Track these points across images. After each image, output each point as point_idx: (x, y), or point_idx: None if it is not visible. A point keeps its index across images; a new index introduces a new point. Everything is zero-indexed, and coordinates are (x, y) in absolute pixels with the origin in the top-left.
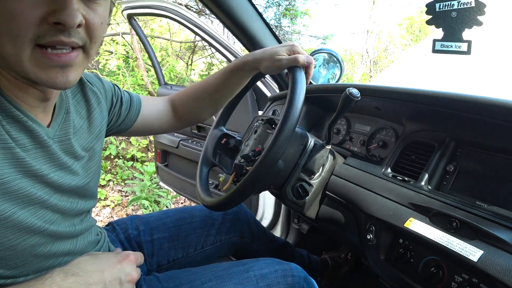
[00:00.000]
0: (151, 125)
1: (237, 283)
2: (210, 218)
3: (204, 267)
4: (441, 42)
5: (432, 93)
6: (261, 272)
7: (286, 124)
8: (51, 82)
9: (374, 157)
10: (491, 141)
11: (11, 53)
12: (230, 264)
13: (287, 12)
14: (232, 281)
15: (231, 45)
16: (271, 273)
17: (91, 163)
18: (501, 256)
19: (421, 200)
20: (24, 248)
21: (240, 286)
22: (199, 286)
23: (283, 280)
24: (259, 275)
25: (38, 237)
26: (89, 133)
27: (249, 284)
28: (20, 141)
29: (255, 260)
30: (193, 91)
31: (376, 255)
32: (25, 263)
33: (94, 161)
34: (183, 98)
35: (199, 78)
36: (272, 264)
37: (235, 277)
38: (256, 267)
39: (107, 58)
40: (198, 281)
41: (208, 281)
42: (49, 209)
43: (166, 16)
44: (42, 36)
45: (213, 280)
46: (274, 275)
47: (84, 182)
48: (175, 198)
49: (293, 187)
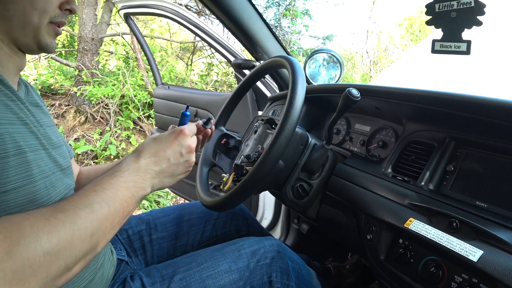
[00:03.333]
0: None
1: (231, 261)
2: (207, 214)
3: (199, 251)
4: (440, 42)
5: (432, 93)
6: (251, 249)
7: (286, 124)
8: (51, 45)
9: (374, 157)
10: (491, 141)
11: (35, 23)
12: (222, 245)
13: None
14: (226, 260)
15: (231, 45)
16: (260, 248)
17: (58, 133)
18: (501, 256)
19: (421, 200)
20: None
21: (233, 264)
22: (196, 268)
23: (270, 254)
24: (249, 252)
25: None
26: (45, 115)
27: (241, 261)
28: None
29: (245, 239)
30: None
31: (376, 255)
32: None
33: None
34: (92, 177)
35: (199, 78)
36: (260, 240)
37: (228, 256)
38: (246, 245)
39: (107, 59)
40: (195, 263)
41: (204, 262)
42: (51, 160)
43: (164, 16)
44: (56, 16)
45: (208, 261)
46: (263, 250)
47: (60, 147)
48: (175, 198)
49: (293, 187)
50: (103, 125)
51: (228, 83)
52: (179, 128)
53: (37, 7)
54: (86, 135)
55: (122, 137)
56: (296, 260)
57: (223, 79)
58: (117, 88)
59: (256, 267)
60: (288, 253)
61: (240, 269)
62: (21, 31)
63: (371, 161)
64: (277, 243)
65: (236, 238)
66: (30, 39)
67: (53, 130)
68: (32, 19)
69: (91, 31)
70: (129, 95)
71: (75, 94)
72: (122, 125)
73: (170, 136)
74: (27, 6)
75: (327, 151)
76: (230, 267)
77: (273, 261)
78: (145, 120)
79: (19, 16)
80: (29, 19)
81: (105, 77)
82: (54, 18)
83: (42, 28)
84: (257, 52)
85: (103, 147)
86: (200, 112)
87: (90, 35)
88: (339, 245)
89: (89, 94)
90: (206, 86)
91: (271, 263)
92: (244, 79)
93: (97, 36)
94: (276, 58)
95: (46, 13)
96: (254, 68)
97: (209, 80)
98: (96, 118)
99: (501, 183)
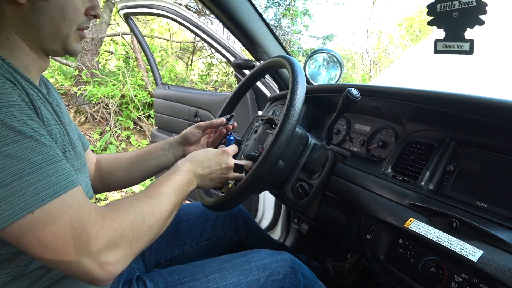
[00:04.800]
0: None
1: (240, 274)
2: (205, 214)
3: (207, 260)
4: (443, 43)
5: (432, 93)
6: (262, 262)
7: (286, 124)
8: (78, 50)
9: (374, 157)
10: (491, 141)
11: (64, 32)
12: (231, 256)
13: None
14: (235, 272)
15: (231, 45)
16: (272, 263)
17: (77, 133)
18: (501, 256)
19: (421, 200)
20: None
21: (243, 278)
22: (202, 279)
23: (283, 270)
24: (260, 266)
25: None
26: (65, 114)
27: (251, 275)
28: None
29: (257, 251)
30: (124, 164)
31: (376, 255)
32: None
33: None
34: (114, 165)
35: (199, 78)
36: (273, 254)
37: (238, 268)
38: (258, 258)
39: (107, 59)
40: (201, 273)
41: (211, 273)
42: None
43: (164, 16)
44: (83, 22)
45: (216, 273)
46: (275, 265)
47: (76, 147)
48: None
49: (293, 187)
50: (103, 125)
51: (228, 83)
52: (225, 148)
53: (66, 17)
54: (86, 135)
55: (122, 137)
56: (308, 276)
57: (223, 79)
58: (117, 88)
59: (267, 282)
60: (300, 269)
61: (249, 283)
62: (50, 39)
63: (371, 161)
64: (290, 258)
65: (235, 238)
66: (58, 46)
67: (72, 128)
68: (62, 29)
69: (91, 31)
70: (129, 95)
71: (75, 94)
72: (122, 125)
73: (217, 152)
74: (57, 17)
75: (327, 151)
76: (239, 281)
77: (285, 276)
78: (145, 120)
79: (49, 26)
80: (59, 29)
81: (105, 77)
82: (80, 25)
83: (71, 35)
84: (257, 52)
85: (103, 147)
86: (200, 112)
87: (90, 35)
88: (339, 245)
89: (89, 94)
90: (206, 86)
91: (284, 279)
92: (244, 79)
93: (97, 36)
94: (276, 58)
95: (75, 22)
96: (254, 68)
97: (209, 80)
98: (96, 118)
99: (501, 183)
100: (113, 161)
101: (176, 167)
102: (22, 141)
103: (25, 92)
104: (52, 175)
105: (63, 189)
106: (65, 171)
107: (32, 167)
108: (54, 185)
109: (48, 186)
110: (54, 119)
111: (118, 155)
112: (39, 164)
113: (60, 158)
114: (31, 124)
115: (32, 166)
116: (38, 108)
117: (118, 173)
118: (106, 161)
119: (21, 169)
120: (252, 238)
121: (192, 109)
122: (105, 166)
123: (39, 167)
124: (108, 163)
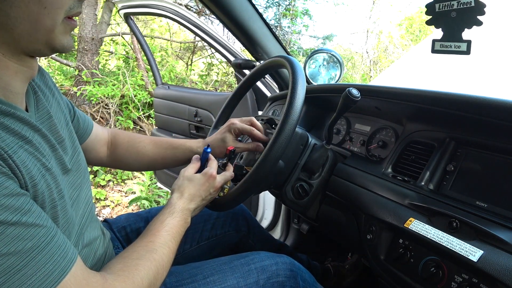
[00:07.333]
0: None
1: (239, 276)
2: (206, 214)
3: (206, 262)
4: (440, 42)
5: (432, 93)
6: (262, 264)
7: (286, 124)
8: (68, 45)
9: (374, 157)
10: (491, 141)
11: (47, 25)
12: (231, 257)
13: (287, 13)
14: (234, 274)
15: (231, 45)
16: (272, 265)
17: (74, 139)
18: (501, 256)
19: (421, 200)
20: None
21: (242, 280)
22: (201, 281)
23: (283, 272)
24: (260, 268)
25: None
26: (60, 110)
27: (250, 277)
28: (25, 136)
29: (256, 253)
30: (139, 142)
31: (376, 255)
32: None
33: (74, 139)
34: (126, 142)
35: (199, 78)
36: (272, 257)
37: (237, 270)
38: (257, 259)
39: (107, 59)
40: (200, 275)
41: (210, 275)
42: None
43: (164, 16)
44: (72, 8)
45: (215, 274)
46: (275, 268)
47: (74, 157)
48: None
49: (293, 187)
50: (103, 125)
51: (228, 83)
52: (210, 172)
53: (47, 5)
54: None
55: None
56: (307, 279)
57: (223, 79)
58: (117, 88)
59: (266, 284)
60: (300, 272)
61: (249, 285)
62: (29, 39)
63: (371, 161)
64: (290, 261)
65: (235, 238)
66: (41, 45)
67: (70, 132)
68: (43, 22)
69: (91, 31)
70: (129, 95)
71: (75, 94)
72: (122, 125)
73: (202, 180)
74: (33, 8)
75: (327, 151)
76: (238, 283)
77: (285, 279)
78: (145, 120)
79: (24, 22)
80: (39, 23)
81: (105, 77)
82: (69, 11)
83: (57, 28)
84: (257, 52)
85: None
86: (200, 112)
87: (90, 35)
88: (339, 245)
89: (89, 94)
90: (206, 86)
91: (283, 282)
92: (244, 79)
93: (97, 36)
94: (276, 58)
95: (60, 9)
96: (254, 68)
97: (209, 80)
98: (96, 118)
99: (501, 183)
100: (130, 140)
101: (171, 206)
102: (5, 232)
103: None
104: (47, 263)
105: (61, 275)
106: (60, 250)
107: (23, 259)
108: (51, 274)
109: (45, 278)
110: (38, 165)
111: (134, 135)
112: (30, 253)
113: (52, 233)
114: (12, 204)
115: (23, 258)
116: (14, 163)
117: (137, 160)
118: (125, 138)
119: (12, 265)
120: (253, 237)
121: (192, 109)
122: (124, 143)
123: (31, 257)
124: (127, 139)
